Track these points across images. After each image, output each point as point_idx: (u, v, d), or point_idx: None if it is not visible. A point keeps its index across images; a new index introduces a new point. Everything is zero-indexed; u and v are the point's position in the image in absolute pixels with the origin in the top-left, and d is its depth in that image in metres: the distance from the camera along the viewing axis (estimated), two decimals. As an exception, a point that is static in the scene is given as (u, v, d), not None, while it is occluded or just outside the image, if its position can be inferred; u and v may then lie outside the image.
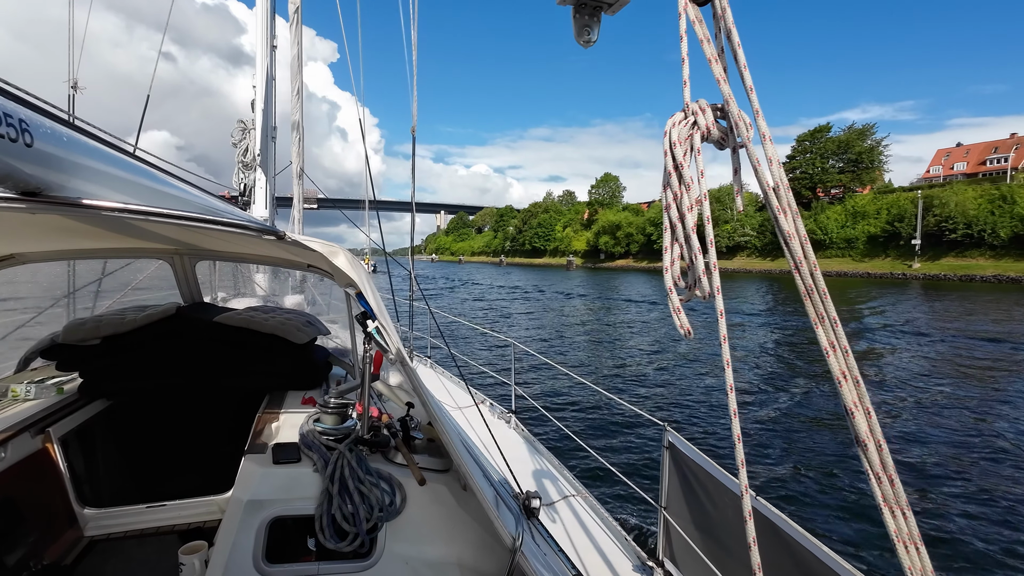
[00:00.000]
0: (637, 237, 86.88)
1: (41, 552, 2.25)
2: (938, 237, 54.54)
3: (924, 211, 55.45)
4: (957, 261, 53.28)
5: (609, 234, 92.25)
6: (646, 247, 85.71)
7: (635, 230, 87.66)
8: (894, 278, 53.53)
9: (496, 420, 5.12)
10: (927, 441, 8.98)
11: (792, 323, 22.95)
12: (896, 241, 58.76)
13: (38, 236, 2.36)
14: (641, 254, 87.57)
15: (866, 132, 66.71)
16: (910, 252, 56.84)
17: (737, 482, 2.30)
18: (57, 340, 2.85)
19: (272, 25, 6.87)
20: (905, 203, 59.31)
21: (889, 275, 54.86)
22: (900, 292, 38.85)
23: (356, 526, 1.87)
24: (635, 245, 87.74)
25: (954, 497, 6.92)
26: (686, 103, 1.18)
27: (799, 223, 1.08)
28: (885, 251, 59.86)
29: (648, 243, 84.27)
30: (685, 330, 1.13)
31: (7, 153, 1.08)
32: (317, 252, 1.62)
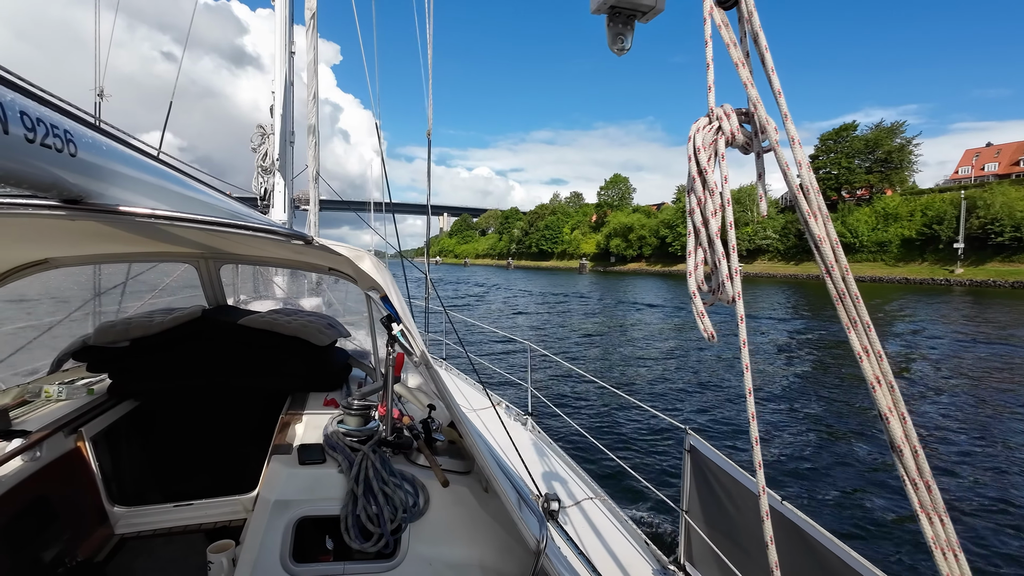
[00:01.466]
0: (650, 240, 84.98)
1: (75, 549, 2.31)
2: (982, 240, 51.37)
3: (967, 212, 52.48)
4: (1004, 266, 50.00)
5: (621, 236, 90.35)
6: (659, 250, 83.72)
7: (648, 232, 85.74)
8: (935, 284, 50.76)
9: (512, 422, 5.13)
10: (964, 448, 8.79)
11: (818, 328, 22.49)
12: (934, 245, 55.75)
13: (72, 241, 2.43)
14: (654, 257, 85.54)
15: (895, 130, 64.06)
16: (950, 256, 53.69)
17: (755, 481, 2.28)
18: (89, 342, 2.93)
19: (290, 32, 6.97)
20: (940, 204, 56.36)
21: (929, 281, 52.03)
22: (943, 299, 36.87)
23: (381, 527, 1.89)
24: (648, 248, 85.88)
25: (992, 504, 6.77)
26: (711, 108, 1.18)
27: (830, 227, 1.07)
28: (922, 255, 57.03)
29: (662, 245, 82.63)
30: (709, 334, 1.13)
31: (54, 163, 1.12)
32: (343, 256, 1.65)
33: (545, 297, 38.05)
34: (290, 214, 7.36)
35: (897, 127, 64.15)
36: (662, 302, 34.20)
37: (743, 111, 1.19)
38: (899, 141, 63.64)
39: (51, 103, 1.16)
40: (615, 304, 33.34)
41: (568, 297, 37.87)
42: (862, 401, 11.21)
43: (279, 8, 6.68)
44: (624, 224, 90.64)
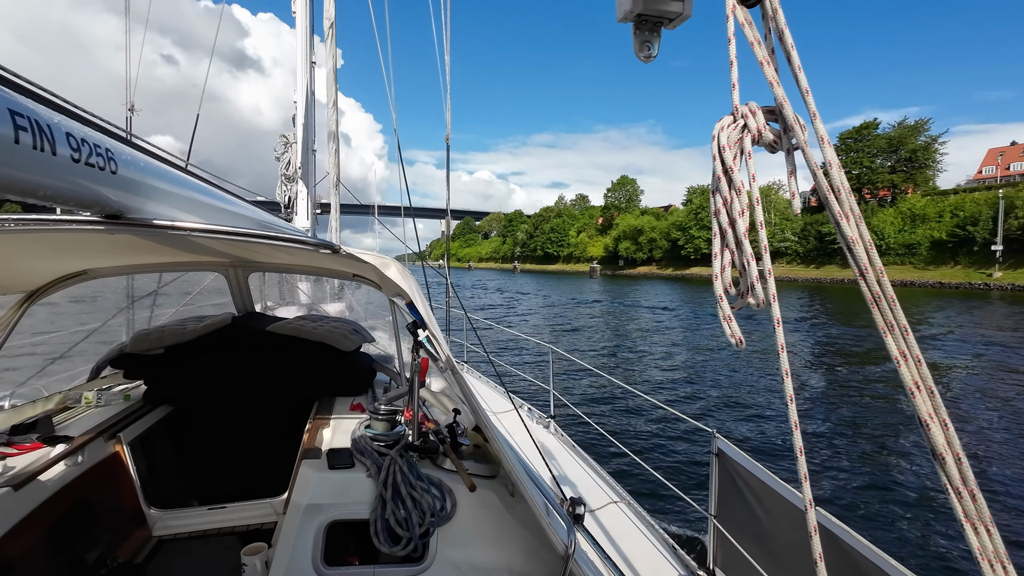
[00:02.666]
0: (661, 242, 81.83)
1: (115, 551, 2.39)
2: (1022, 242, 48.31)
3: (1004, 213, 49.07)
4: (1048, 270, 46.64)
5: (630, 239, 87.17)
6: (671, 253, 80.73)
7: (658, 235, 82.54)
8: (972, 289, 47.75)
9: (535, 425, 5.12)
10: (1009, 456, 8.42)
11: (845, 333, 21.80)
12: (967, 247, 52.70)
13: (109, 253, 2.52)
14: (665, 260, 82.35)
15: (919, 128, 61.14)
16: (985, 259, 50.64)
17: (800, 496, 2.22)
18: (126, 349, 3.03)
19: (312, 43, 7.10)
20: (972, 205, 53.30)
21: (966, 285, 49.02)
22: (981, 304, 34.76)
23: (409, 531, 1.91)
24: (658, 251, 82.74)
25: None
26: (735, 106, 1.16)
27: (863, 228, 1.05)
28: (954, 258, 53.94)
29: (673, 248, 79.76)
30: (737, 339, 1.10)
31: (97, 181, 1.17)
32: (369, 264, 1.68)
33: (559, 301, 37.41)
34: (313, 221, 7.50)
35: (921, 125, 61.28)
36: (679, 305, 33.44)
37: (769, 109, 1.17)
38: (923, 139, 60.88)
39: (93, 123, 1.21)
40: (633, 308, 32.56)
41: (583, 302, 37.07)
42: (898, 407, 10.86)
43: (300, 20, 6.82)
44: (633, 226, 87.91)
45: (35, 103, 1.02)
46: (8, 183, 0.94)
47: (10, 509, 1.88)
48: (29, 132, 0.94)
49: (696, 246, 74.66)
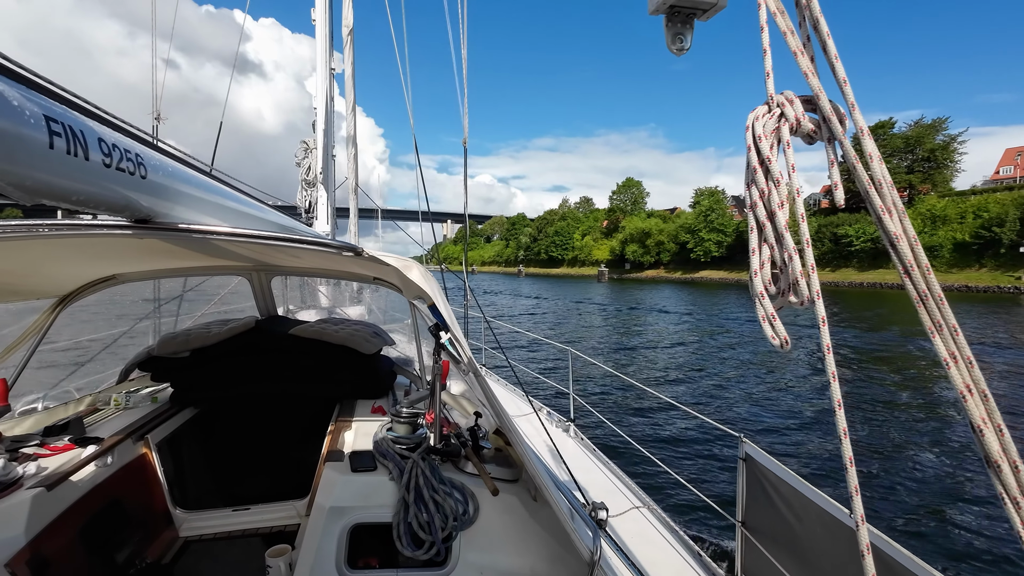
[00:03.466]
0: (669, 245, 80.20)
1: (144, 551, 2.43)
2: None
3: None
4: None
5: (637, 242, 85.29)
6: (679, 256, 79.11)
7: (667, 237, 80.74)
8: (1001, 292, 45.64)
9: (555, 428, 5.07)
10: None
11: (870, 337, 21.20)
12: (993, 249, 50.21)
13: (137, 258, 2.57)
14: (673, 264, 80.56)
15: (937, 127, 59.41)
16: (1013, 261, 48.54)
17: (837, 505, 2.14)
18: (153, 352, 3.09)
19: (331, 50, 7.19)
20: (997, 205, 51.20)
21: (994, 289, 47.05)
22: (1012, 308, 33.16)
23: (432, 535, 1.90)
24: (666, 254, 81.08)
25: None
26: (770, 95, 1.12)
27: (907, 223, 1.00)
28: (979, 260, 51.78)
29: (682, 251, 78.14)
30: (781, 339, 1.04)
31: (127, 186, 1.18)
32: (391, 266, 1.67)
33: (570, 305, 36.73)
34: (333, 225, 7.58)
35: (939, 124, 59.45)
36: (693, 309, 32.71)
37: (806, 98, 1.12)
38: (941, 139, 59.09)
39: (123, 128, 1.22)
40: (648, 312, 31.74)
41: (596, 306, 36.37)
42: (940, 412, 10.50)
43: (319, 28, 6.91)
44: (641, 229, 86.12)
45: (68, 108, 1.03)
46: (42, 188, 0.95)
47: (44, 509, 1.92)
48: (63, 138, 0.96)
49: (706, 248, 73.40)
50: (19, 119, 0.86)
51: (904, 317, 26.76)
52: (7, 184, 0.86)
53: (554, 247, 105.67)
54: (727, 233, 73.11)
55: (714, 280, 69.10)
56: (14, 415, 2.81)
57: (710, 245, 72.98)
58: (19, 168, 0.88)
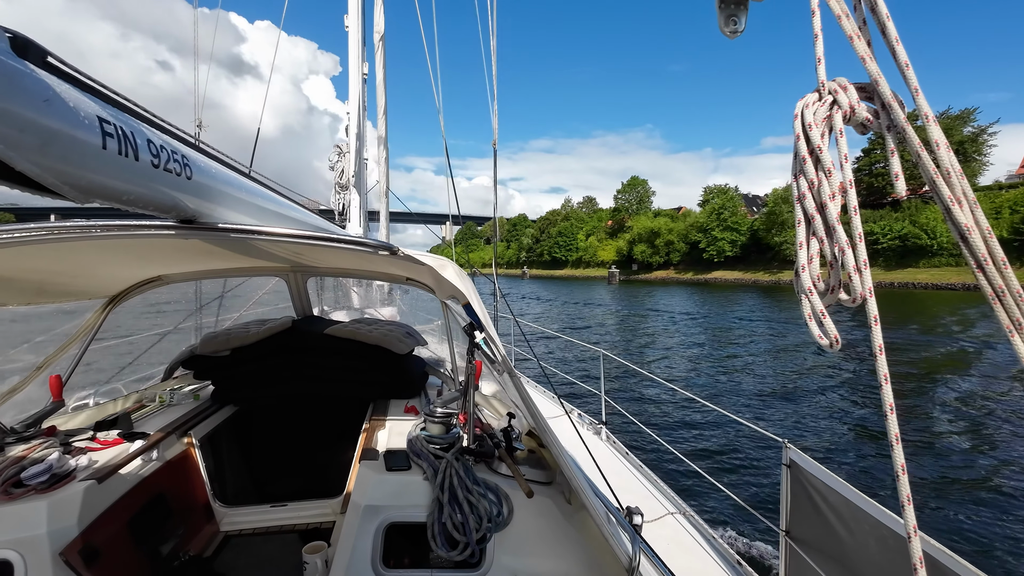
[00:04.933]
0: (679, 245, 76.30)
1: (187, 544, 2.50)
2: None
3: None
4: None
5: (646, 242, 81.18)
6: (689, 256, 75.14)
7: (676, 237, 76.78)
8: None
9: (586, 431, 5.01)
10: None
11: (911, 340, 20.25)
12: None
13: (180, 259, 2.66)
14: (683, 264, 76.58)
15: (966, 118, 55.85)
16: None
17: (889, 513, 2.02)
18: (196, 351, 3.19)
19: (363, 56, 7.32)
20: None
21: None
22: None
23: (467, 536, 1.88)
24: (676, 254, 76.99)
25: None
26: (821, 82, 1.07)
27: (979, 214, 0.93)
28: (1020, 258, 48.29)
29: (693, 251, 74.19)
30: (832, 338, 0.98)
31: (174, 186, 1.21)
32: (427, 266, 1.67)
33: (584, 308, 35.75)
34: (365, 227, 7.71)
35: (967, 115, 55.83)
36: (716, 311, 31.60)
37: (860, 85, 1.06)
38: (969, 130, 55.38)
39: (169, 130, 1.26)
40: (667, 315, 30.53)
41: (612, 307, 35.25)
42: (1014, 416, 9.96)
43: (353, 34, 7.03)
44: (649, 228, 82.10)
45: (118, 110, 1.06)
46: (96, 188, 0.98)
47: (95, 501, 1.99)
48: (115, 139, 0.98)
49: (719, 248, 70.11)
50: (75, 120, 0.88)
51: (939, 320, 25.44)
52: (63, 183, 0.89)
53: (558, 248, 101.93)
54: (741, 232, 69.86)
55: (729, 281, 66.09)
56: (67, 410, 2.95)
57: (724, 244, 69.92)
58: (74, 168, 0.91)
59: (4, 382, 2.67)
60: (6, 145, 0.75)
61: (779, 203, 64.03)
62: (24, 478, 1.93)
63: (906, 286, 49.59)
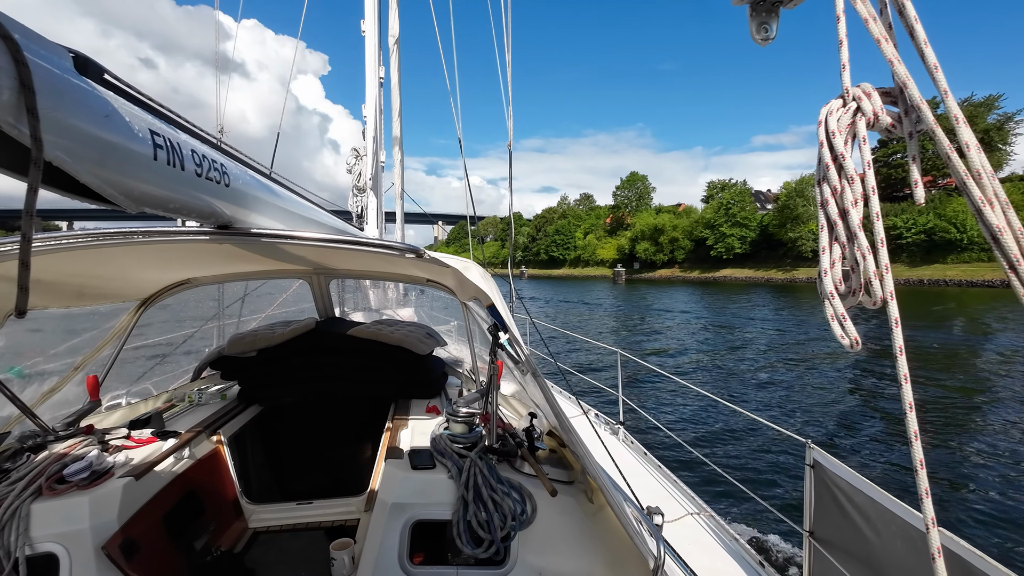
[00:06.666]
0: (683, 242, 73.56)
1: (218, 540, 2.57)
2: None
3: None
4: None
5: (649, 240, 78.05)
6: (695, 254, 72.44)
7: (681, 234, 74.19)
8: None
9: (604, 431, 5.02)
10: None
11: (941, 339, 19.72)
12: None
13: (210, 262, 2.74)
14: (689, 262, 73.63)
15: (990, 105, 53.07)
16: None
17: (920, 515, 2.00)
18: (223, 352, 3.27)
19: (380, 60, 7.40)
20: None
21: None
22: None
23: (491, 534, 1.91)
24: (681, 252, 74.33)
25: None
26: (845, 88, 1.08)
27: (1011, 214, 0.93)
28: None
29: (698, 248, 71.38)
30: (852, 340, 1.00)
31: (214, 194, 1.26)
32: (452, 267, 1.70)
33: (595, 310, 34.84)
34: (382, 229, 7.81)
35: (992, 101, 53.07)
36: (731, 311, 30.89)
37: (884, 90, 1.07)
38: (994, 118, 52.64)
39: (208, 140, 1.31)
40: (680, 315, 29.73)
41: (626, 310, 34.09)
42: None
43: (370, 39, 7.13)
44: (652, 225, 78.81)
45: (165, 123, 1.11)
46: (146, 197, 1.03)
47: (133, 496, 2.07)
48: (164, 150, 1.03)
49: (728, 245, 67.20)
50: (130, 133, 0.93)
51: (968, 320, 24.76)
52: (118, 193, 0.94)
53: (555, 247, 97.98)
54: (751, 228, 67.06)
55: (739, 279, 63.23)
56: (101, 410, 3.05)
57: (733, 241, 67.05)
58: (128, 179, 0.96)
59: (44, 382, 2.78)
60: (72, 159, 0.80)
61: (793, 197, 61.48)
62: (66, 475, 2.01)
63: (937, 283, 47.15)
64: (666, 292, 49.08)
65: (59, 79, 0.79)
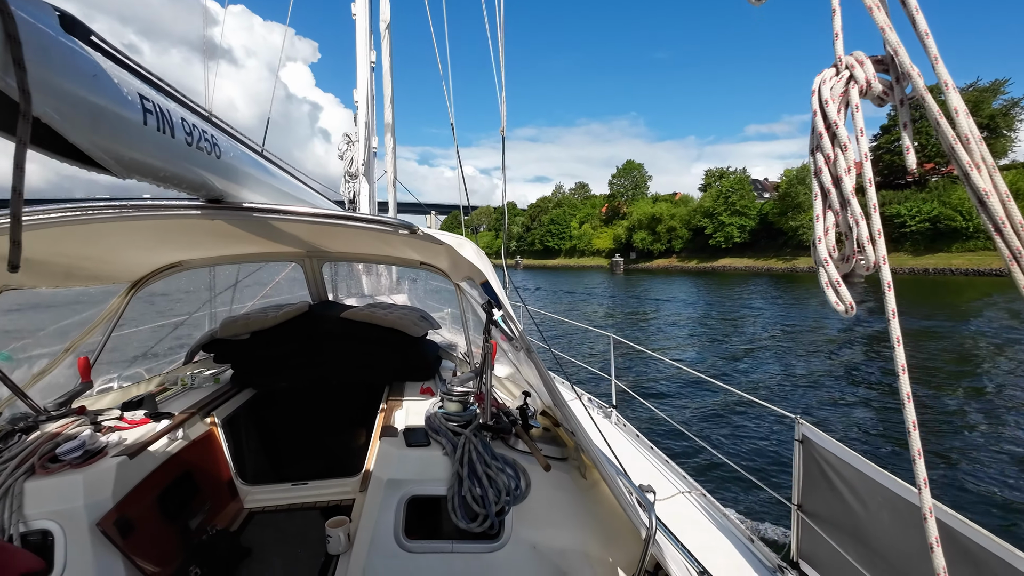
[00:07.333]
0: (681, 232, 71.41)
1: (213, 518, 2.58)
2: None
3: None
4: None
5: (647, 229, 75.59)
6: (692, 243, 70.19)
7: (679, 223, 71.79)
8: None
9: (597, 414, 5.06)
10: None
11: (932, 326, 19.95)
12: None
13: (201, 243, 2.71)
14: (687, 252, 71.49)
15: (996, 89, 51.54)
16: None
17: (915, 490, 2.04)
18: (216, 335, 3.25)
19: (371, 45, 7.30)
20: None
21: None
22: None
23: (486, 508, 1.94)
24: (678, 241, 72.16)
25: None
26: (838, 56, 1.09)
27: (997, 178, 0.95)
28: None
29: (696, 238, 69.20)
30: (847, 305, 1.02)
31: (205, 165, 1.25)
32: (446, 245, 1.70)
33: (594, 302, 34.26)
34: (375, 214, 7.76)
35: (998, 86, 51.59)
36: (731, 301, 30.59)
37: (877, 58, 1.08)
38: (1000, 103, 51.13)
39: (197, 110, 1.29)
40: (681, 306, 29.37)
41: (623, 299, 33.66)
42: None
43: (360, 23, 7.02)
44: (650, 214, 76.13)
45: (153, 89, 1.09)
46: (136, 163, 1.02)
47: (127, 475, 2.07)
48: (154, 116, 1.02)
49: (727, 234, 65.93)
50: (119, 96, 0.92)
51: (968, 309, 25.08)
52: (111, 157, 0.93)
53: (550, 236, 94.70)
54: (751, 216, 65.84)
55: (738, 269, 62.02)
56: (93, 393, 3.03)
57: (732, 230, 65.75)
58: (119, 144, 0.95)
59: (34, 365, 2.75)
60: (61, 117, 0.79)
61: (794, 184, 60.52)
62: (59, 454, 2.01)
63: (942, 272, 46.03)
64: (666, 283, 48.22)
65: (45, 35, 0.78)
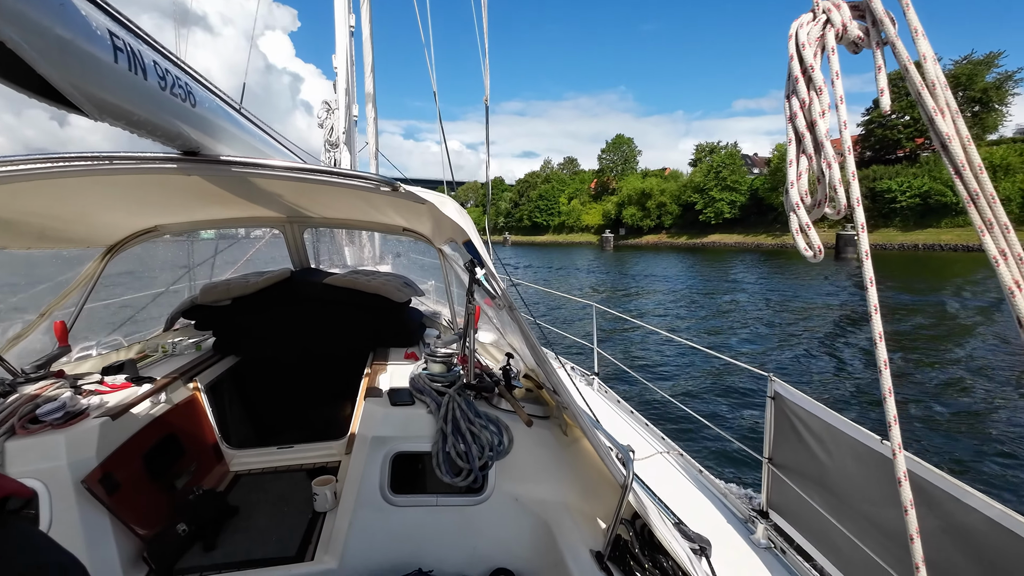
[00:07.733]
0: (671, 207, 70.84)
1: (200, 480, 2.61)
2: None
3: None
4: None
5: (636, 204, 74.86)
6: (682, 219, 70.03)
7: (669, 198, 71.18)
8: None
9: (580, 381, 5.16)
10: None
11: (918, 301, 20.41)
12: None
13: (176, 207, 2.66)
14: (676, 228, 71.09)
15: (990, 62, 50.95)
16: None
17: (878, 438, 2.14)
18: (196, 301, 3.22)
19: (349, 8, 7.06)
20: None
21: None
22: None
23: (470, 463, 1.99)
24: (668, 217, 71.53)
25: None
26: (815, 2, 1.11)
27: (960, 123, 0.98)
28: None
29: (686, 213, 68.75)
30: (815, 249, 1.05)
31: (179, 114, 1.22)
32: (428, 203, 1.69)
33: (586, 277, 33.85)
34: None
35: (991, 59, 50.96)
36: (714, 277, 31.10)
37: (853, 4, 1.10)
38: (994, 76, 50.61)
39: (170, 57, 1.26)
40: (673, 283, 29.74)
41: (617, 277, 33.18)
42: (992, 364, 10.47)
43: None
44: (640, 189, 75.19)
45: (122, 27, 1.06)
46: (108, 103, 0.99)
47: (110, 435, 2.07)
48: (125, 55, 0.99)
49: (718, 209, 65.54)
50: (87, 30, 0.90)
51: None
52: (81, 95, 0.90)
53: (539, 212, 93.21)
54: (741, 192, 65.25)
55: (728, 245, 61.63)
56: (72, 359, 2.99)
57: (722, 206, 65.37)
58: (88, 81, 0.92)
59: (8, 330, 2.70)
60: (27, 44, 0.76)
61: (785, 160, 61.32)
62: (40, 414, 2.00)
63: (931, 248, 45.79)
64: (656, 259, 47.73)
65: None
